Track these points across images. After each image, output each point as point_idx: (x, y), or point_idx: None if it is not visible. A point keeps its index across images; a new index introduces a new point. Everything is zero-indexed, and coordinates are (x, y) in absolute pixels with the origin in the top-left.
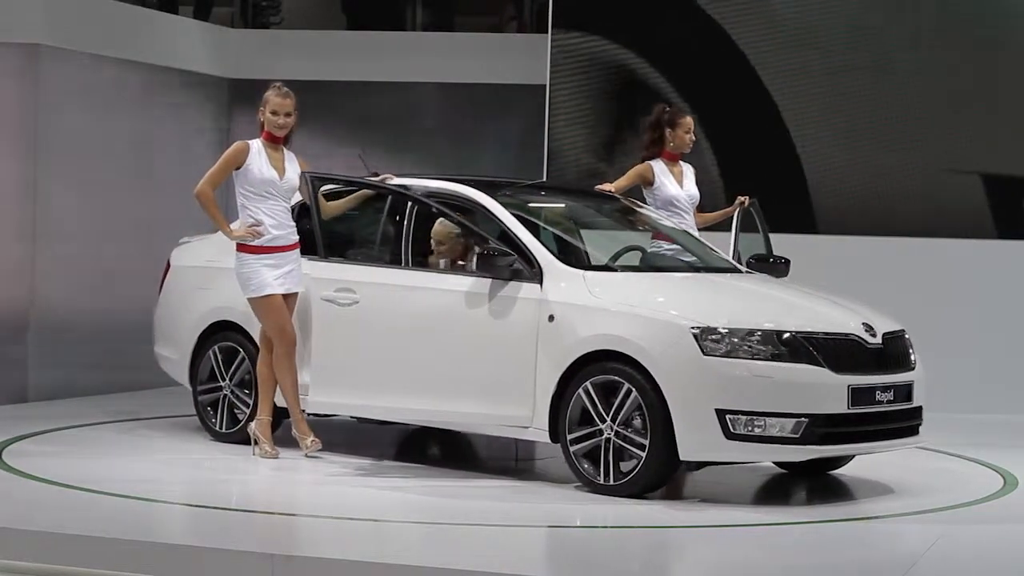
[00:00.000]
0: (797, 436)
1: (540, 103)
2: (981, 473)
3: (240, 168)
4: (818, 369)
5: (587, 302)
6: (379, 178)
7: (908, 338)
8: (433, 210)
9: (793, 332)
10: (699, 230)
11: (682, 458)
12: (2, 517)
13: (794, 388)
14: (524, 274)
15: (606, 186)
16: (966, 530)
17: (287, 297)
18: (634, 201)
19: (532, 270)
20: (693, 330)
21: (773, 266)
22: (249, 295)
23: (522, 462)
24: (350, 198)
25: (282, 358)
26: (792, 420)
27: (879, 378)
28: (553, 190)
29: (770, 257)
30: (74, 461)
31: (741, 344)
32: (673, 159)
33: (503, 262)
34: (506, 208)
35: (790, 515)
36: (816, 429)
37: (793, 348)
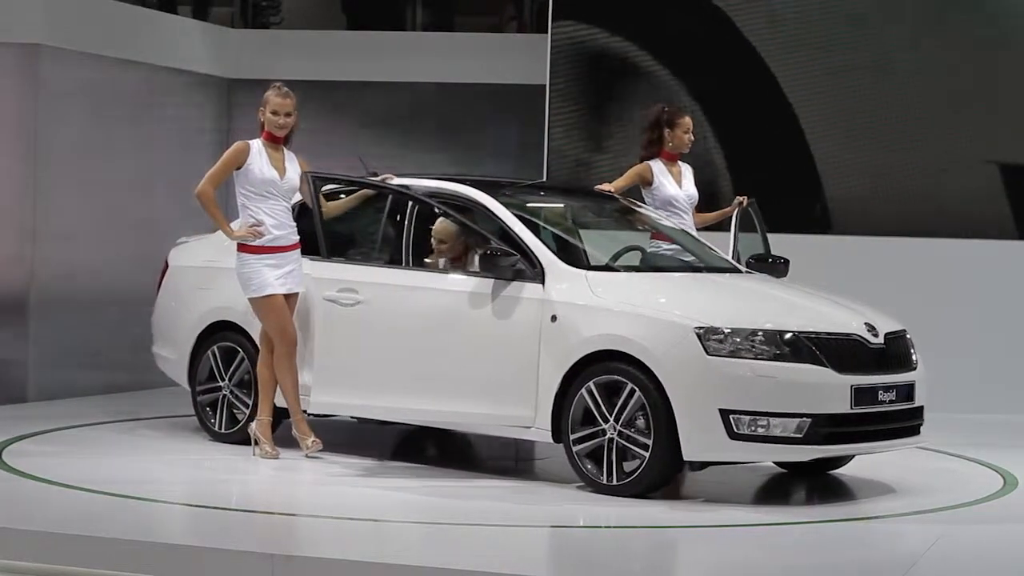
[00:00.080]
0: (800, 436)
1: (540, 103)
2: (981, 473)
3: (241, 168)
4: (821, 369)
5: (590, 302)
6: (379, 178)
7: (910, 338)
8: (435, 210)
9: (796, 332)
10: (698, 230)
11: (686, 458)
12: (2, 517)
13: (798, 388)
14: (526, 274)
15: (605, 186)
16: (966, 530)
17: (288, 297)
18: (633, 201)
19: (534, 270)
20: (697, 330)
21: (772, 266)
22: (250, 295)
23: (522, 462)
24: (350, 198)
25: (283, 358)
26: (795, 420)
27: (881, 378)
28: (553, 190)
29: (769, 257)
30: (74, 461)
31: (744, 344)
32: (672, 159)
33: (506, 262)
34: (507, 208)
35: (790, 515)
36: (819, 429)
37: (796, 348)
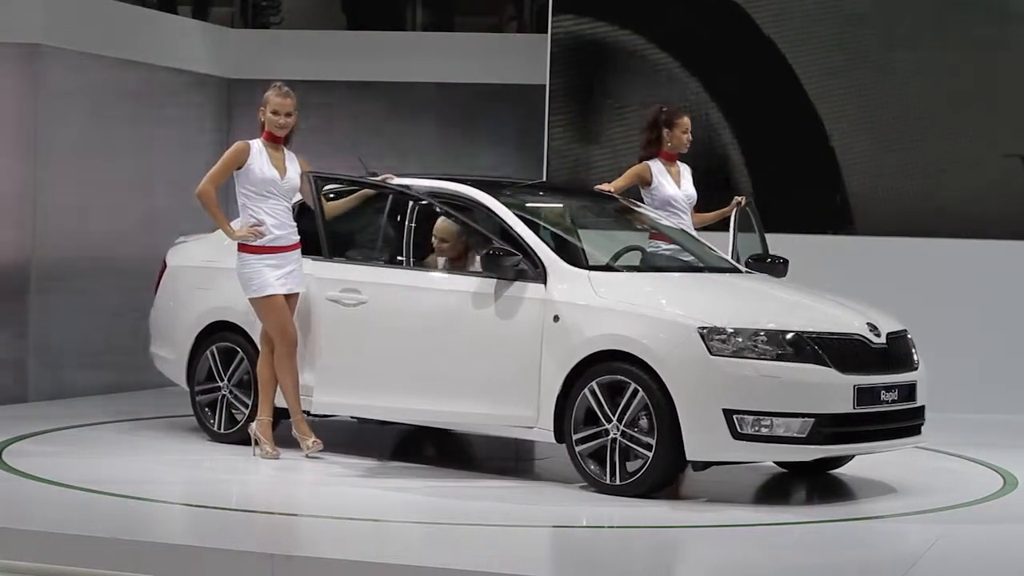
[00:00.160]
0: (804, 436)
1: (540, 103)
2: (981, 473)
3: (241, 168)
4: (824, 369)
5: (592, 302)
6: (379, 178)
7: (911, 338)
8: (437, 210)
9: (799, 332)
10: (696, 230)
11: (689, 458)
12: (2, 517)
13: (801, 388)
14: (528, 274)
15: (605, 186)
16: (966, 530)
17: (288, 297)
18: (633, 201)
19: (536, 270)
20: (700, 330)
21: (771, 266)
22: (251, 295)
23: (522, 462)
24: (350, 198)
25: (283, 358)
26: (799, 420)
27: (884, 378)
28: (552, 190)
29: (768, 257)
30: (74, 461)
31: (748, 344)
32: (670, 159)
33: (508, 262)
34: (508, 208)
35: (790, 515)
36: (823, 429)
37: (799, 348)
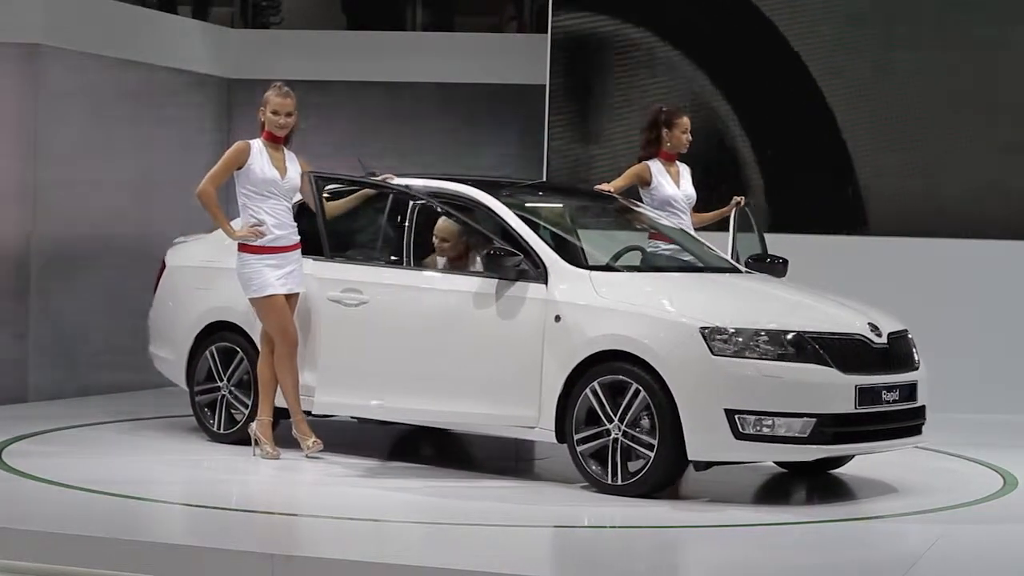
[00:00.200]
0: (806, 436)
1: (540, 103)
2: (981, 473)
3: (242, 168)
4: (826, 369)
5: (594, 302)
6: (380, 178)
7: (911, 338)
8: (438, 210)
9: (801, 332)
10: (695, 230)
11: (691, 458)
12: (2, 517)
13: (803, 388)
14: (530, 274)
15: (604, 186)
16: (966, 530)
17: (288, 297)
18: (632, 201)
19: (537, 270)
20: (702, 330)
21: (771, 266)
22: (251, 295)
23: (522, 462)
24: (350, 198)
25: (284, 358)
26: (801, 420)
27: (885, 378)
28: (552, 190)
29: (767, 257)
30: (74, 461)
31: (749, 344)
32: (670, 159)
33: (510, 262)
34: (509, 208)
35: (790, 515)
36: (824, 429)
37: (801, 348)
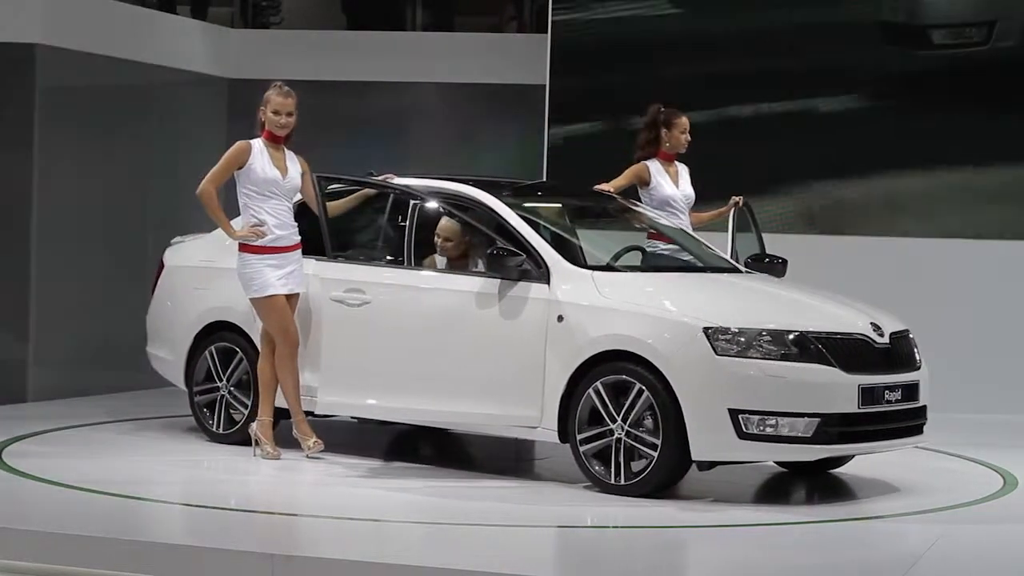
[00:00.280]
0: (809, 436)
1: (540, 103)
2: (981, 473)
3: (242, 168)
4: (829, 369)
5: (597, 302)
6: (381, 178)
7: (912, 338)
8: (441, 210)
9: (804, 332)
10: (694, 230)
11: (694, 458)
12: (2, 517)
13: (806, 388)
14: (532, 274)
15: (604, 186)
16: (966, 530)
17: (289, 297)
18: (632, 201)
19: (539, 270)
20: (706, 330)
21: (770, 266)
22: (252, 295)
23: (522, 462)
24: (350, 198)
25: (285, 359)
26: (804, 420)
27: (887, 378)
28: (552, 190)
29: (766, 257)
30: (74, 461)
31: (753, 344)
32: (668, 159)
33: (512, 262)
34: (511, 208)
35: (790, 515)
36: (828, 429)
37: (804, 348)
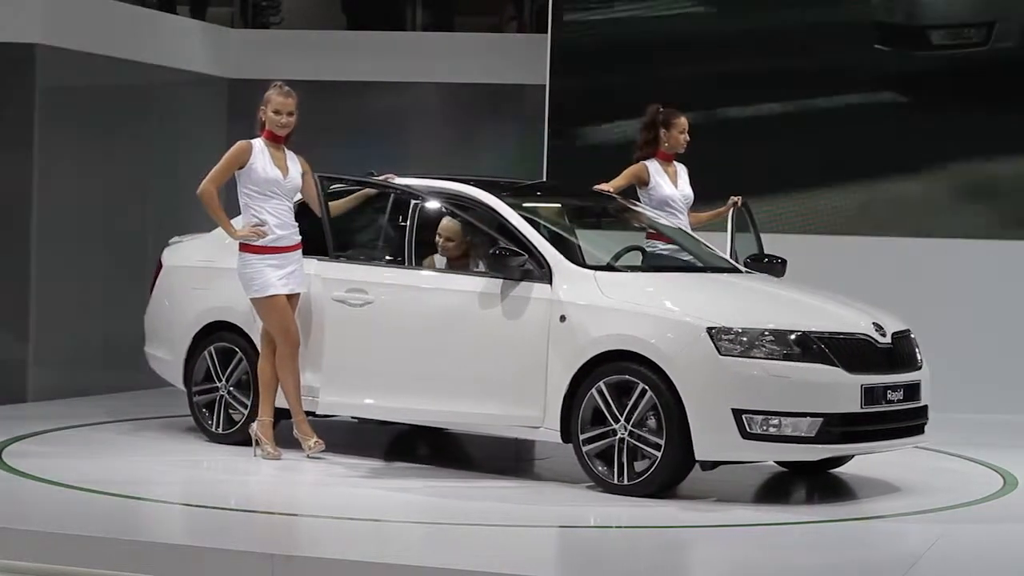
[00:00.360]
0: (812, 436)
1: (540, 103)
2: (981, 473)
3: (243, 167)
4: (832, 369)
5: (599, 302)
6: (382, 178)
7: (914, 337)
8: (443, 210)
9: (807, 332)
10: (692, 230)
11: (698, 458)
12: (2, 517)
13: (810, 388)
14: (534, 274)
15: (604, 186)
16: (966, 530)
17: (290, 297)
18: (632, 201)
19: (542, 270)
20: (709, 330)
21: (770, 266)
22: (252, 295)
23: (522, 462)
24: (349, 198)
25: (286, 359)
26: (807, 420)
27: (889, 377)
28: (552, 190)
29: (764, 257)
30: (74, 461)
31: (756, 344)
32: (667, 159)
33: (515, 262)
34: (513, 208)
35: (790, 515)
36: (831, 429)
37: (807, 348)
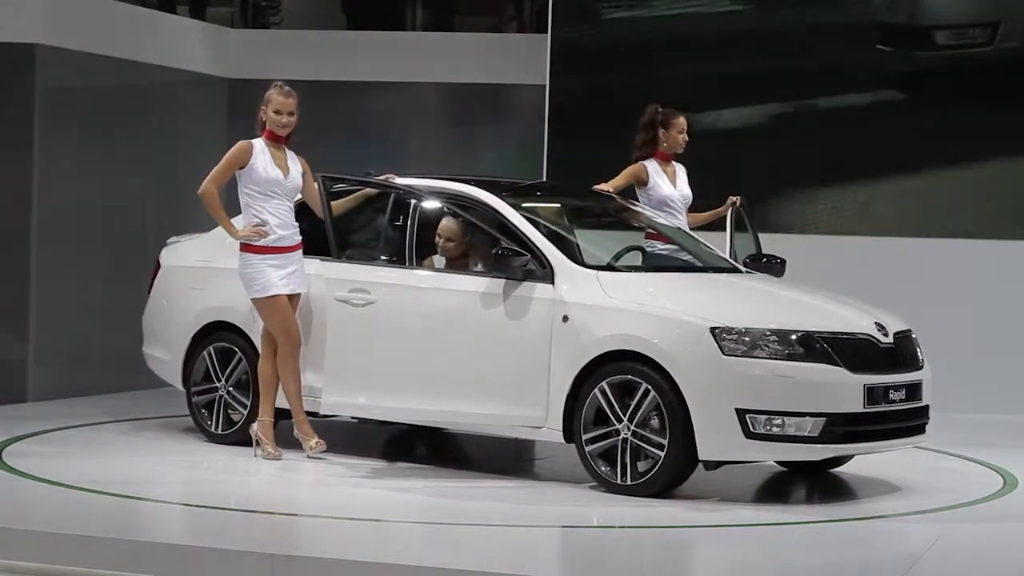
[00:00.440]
0: (816, 435)
1: (540, 103)
2: (981, 473)
3: (244, 167)
4: (835, 369)
5: (602, 302)
6: (383, 178)
7: (915, 337)
8: (445, 210)
9: (810, 332)
10: (691, 230)
11: (701, 458)
12: (2, 517)
13: (813, 388)
14: (536, 274)
15: (603, 186)
16: (966, 530)
17: (291, 298)
18: (631, 201)
19: (544, 270)
20: (713, 330)
21: (769, 266)
22: (253, 295)
23: (522, 462)
24: (349, 198)
25: (286, 359)
26: (811, 419)
27: (892, 377)
28: (551, 190)
29: (763, 257)
30: (74, 461)
31: (760, 344)
32: (666, 159)
33: (517, 262)
34: (514, 208)
35: (790, 515)
36: (834, 428)
37: (811, 348)
